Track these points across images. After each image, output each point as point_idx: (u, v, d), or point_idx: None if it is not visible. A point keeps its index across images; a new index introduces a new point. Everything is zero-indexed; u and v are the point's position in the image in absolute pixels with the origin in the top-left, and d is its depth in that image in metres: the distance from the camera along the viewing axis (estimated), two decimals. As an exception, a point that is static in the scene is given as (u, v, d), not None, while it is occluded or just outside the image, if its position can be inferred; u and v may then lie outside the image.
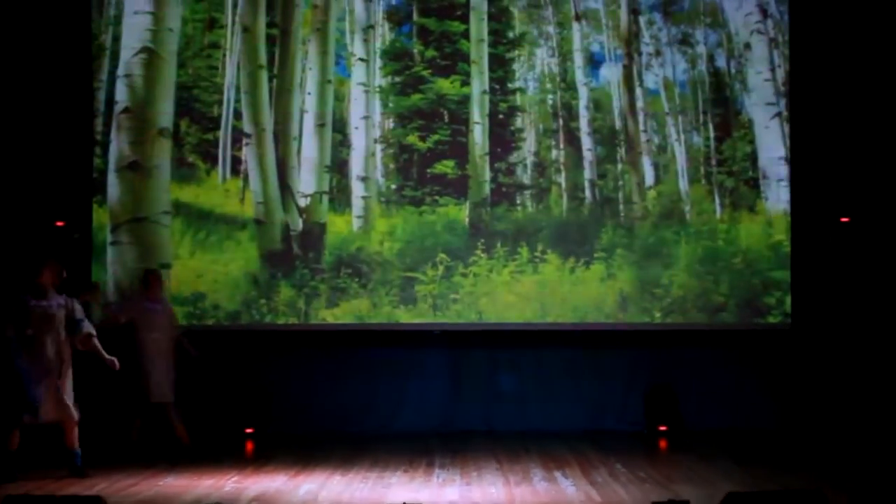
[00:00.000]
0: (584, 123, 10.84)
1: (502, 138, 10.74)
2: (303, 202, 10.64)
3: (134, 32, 10.58)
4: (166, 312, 9.40)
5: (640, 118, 10.85)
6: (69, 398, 8.20)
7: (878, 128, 10.56)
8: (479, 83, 10.74)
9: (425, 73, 10.77)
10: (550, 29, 10.91)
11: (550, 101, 10.91)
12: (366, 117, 10.70)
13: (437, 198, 10.68)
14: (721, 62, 10.88)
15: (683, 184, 10.78)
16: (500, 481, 7.84)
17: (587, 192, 10.81)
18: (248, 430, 9.73)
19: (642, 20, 10.86)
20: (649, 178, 10.80)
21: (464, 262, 10.57)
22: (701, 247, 10.63)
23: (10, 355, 8.28)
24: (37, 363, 8.07)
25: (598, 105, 10.90)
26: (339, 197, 10.70)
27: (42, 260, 8.24)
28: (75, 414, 8.19)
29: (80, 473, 8.07)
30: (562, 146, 10.85)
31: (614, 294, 10.67)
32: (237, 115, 10.70)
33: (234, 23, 10.76)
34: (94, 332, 8.29)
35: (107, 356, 8.42)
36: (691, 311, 10.63)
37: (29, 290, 8.08)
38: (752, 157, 10.77)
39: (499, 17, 10.81)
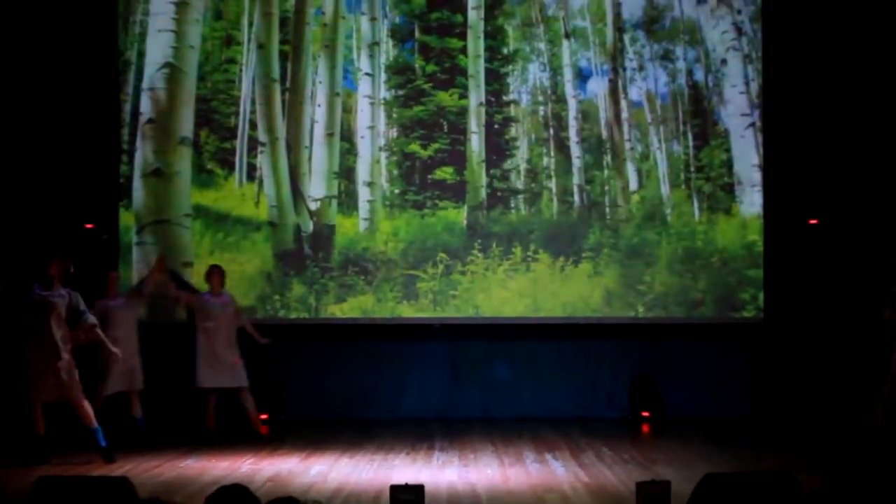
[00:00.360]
0: (572, 133, 11.00)
1: (497, 146, 10.91)
2: (313, 206, 10.81)
3: (157, 49, 10.77)
4: (225, 304, 9.42)
5: (625, 128, 10.97)
6: (71, 379, 8.18)
7: (846, 137, 10.61)
8: (476, 96, 10.92)
9: (426, 86, 10.91)
10: (542, 46, 11.05)
11: (542, 113, 11.06)
12: (371, 127, 10.89)
13: (437, 202, 10.87)
14: (699, 76, 11.01)
15: (665, 188, 10.96)
16: (496, 463, 8.03)
17: (576, 197, 10.96)
18: (263, 416, 9.83)
19: (626, 38, 11.00)
20: (633, 183, 10.97)
21: (462, 261, 10.75)
22: (681, 247, 10.83)
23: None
24: (36, 347, 8.16)
25: (586, 116, 11.03)
26: (346, 201, 10.89)
27: (51, 254, 8.32)
28: (77, 392, 8.18)
29: (107, 455, 8.11)
30: (552, 154, 11.03)
31: (601, 290, 10.80)
32: (252, 125, 10.85)
33: (249, 40, 10.95)
34: (96, 323, 8.42)
35: (111, 347, 8.55)
36: (672, 306, 10.81)
37: (37, 280, 8.19)
38: (728, 164, 10.91)
39: (494, 35, 10.98)
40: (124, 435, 8.87)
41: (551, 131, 11.10)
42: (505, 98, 11.05)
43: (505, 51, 11.04)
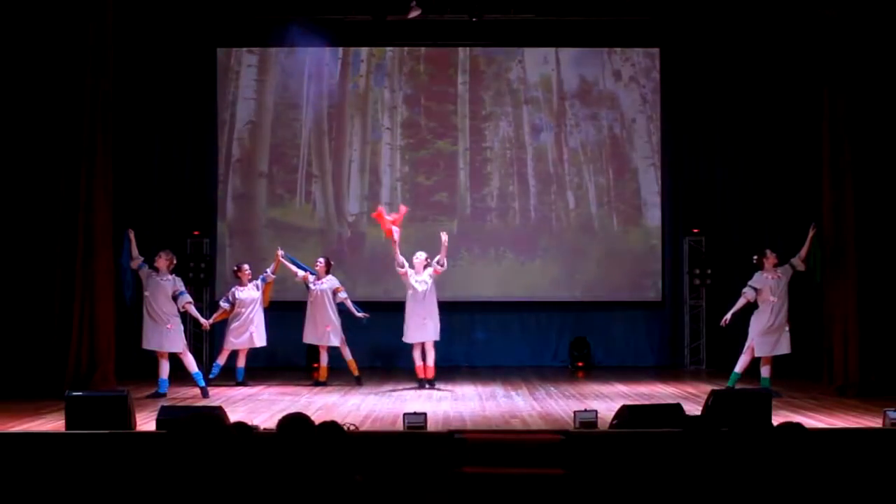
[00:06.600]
0: (530, 169, 12.12)
1: (478, 178, 12.09)
2: (350, 219, 12.09)
3: (244, 112, 12.17)
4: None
5: (566, 166, 12.13)
6: (172, 339, 8.89)
7: (718, 172, 12.10)
8: (463, 143, 12.12)
9: (429, 137, 12.16)
10: (508, 109, 12.26)
11: (508, 155, 12.21)
12: (391, 165, 12.18)
13: (436, 216, 11.99)
14: (617, 130, 12.18)
15: (593, 208, 12.18)
16: (476, 398, 8.87)
17: (532, 213, 12.14)
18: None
19: (567, 104, 12.24)
20: (571, 204, 12.16)
21: (454, 257, 11.15)
22: (605, 248, 12.12)
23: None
24: (150, 313, 8.97)
25: (539, 157, 12.13)
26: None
27: (159, 251, 9.19)
28: (180, 348, 8.87)
29: (203, 392, 8.99)
30: (515, 184, 12.12)
31: (549, 278, 12.09)
32: (309, 163, 12.02)
33: (306, 105, 12.19)
34: (191, 301, 9.16)
35: (200, 318, 9.38)
36: (598, 290, 12.12)
37: (152, 269, 9.03)
38: (637, 191, 12.14)
39: (476, 102, 12.21)
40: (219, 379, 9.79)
41: (515, 168, 12.11)
42: (483, 145, 12.15)
43: (483, 112, 12.15)
